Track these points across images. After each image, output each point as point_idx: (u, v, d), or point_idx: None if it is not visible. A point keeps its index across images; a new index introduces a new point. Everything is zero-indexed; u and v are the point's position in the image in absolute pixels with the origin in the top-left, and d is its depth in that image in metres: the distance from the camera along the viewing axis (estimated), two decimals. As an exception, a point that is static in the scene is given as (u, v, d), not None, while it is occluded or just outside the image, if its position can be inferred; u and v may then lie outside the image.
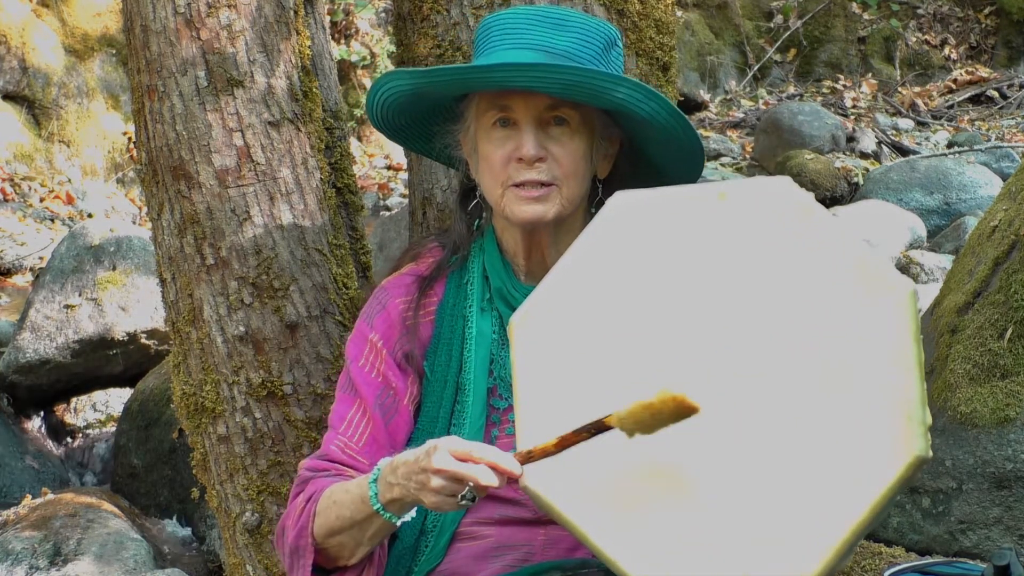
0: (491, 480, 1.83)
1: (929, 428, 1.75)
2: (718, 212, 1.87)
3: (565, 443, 1.83)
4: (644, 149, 2.22)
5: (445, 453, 1.85)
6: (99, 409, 5.63)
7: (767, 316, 1.81)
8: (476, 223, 2.27)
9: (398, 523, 1.99)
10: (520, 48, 2.12)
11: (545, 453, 1.84)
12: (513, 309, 2.01)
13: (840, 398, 1.76)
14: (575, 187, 2.14)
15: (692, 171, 2.23)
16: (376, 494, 1.96)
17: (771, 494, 1.76)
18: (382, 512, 1.96)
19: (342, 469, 2.12)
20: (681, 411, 1.75)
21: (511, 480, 1.85)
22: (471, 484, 1.84)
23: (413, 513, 2.00)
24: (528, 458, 1.85)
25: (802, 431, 1.76)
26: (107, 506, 4.59)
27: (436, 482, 1.85)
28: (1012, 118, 10.29)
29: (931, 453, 1.75)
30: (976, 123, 10.24)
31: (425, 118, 2.28)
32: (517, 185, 2.12)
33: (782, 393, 1.78)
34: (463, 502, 1.86)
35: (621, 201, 1.93)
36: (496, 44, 2.14)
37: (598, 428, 1.81)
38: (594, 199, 2.20)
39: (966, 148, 8.68)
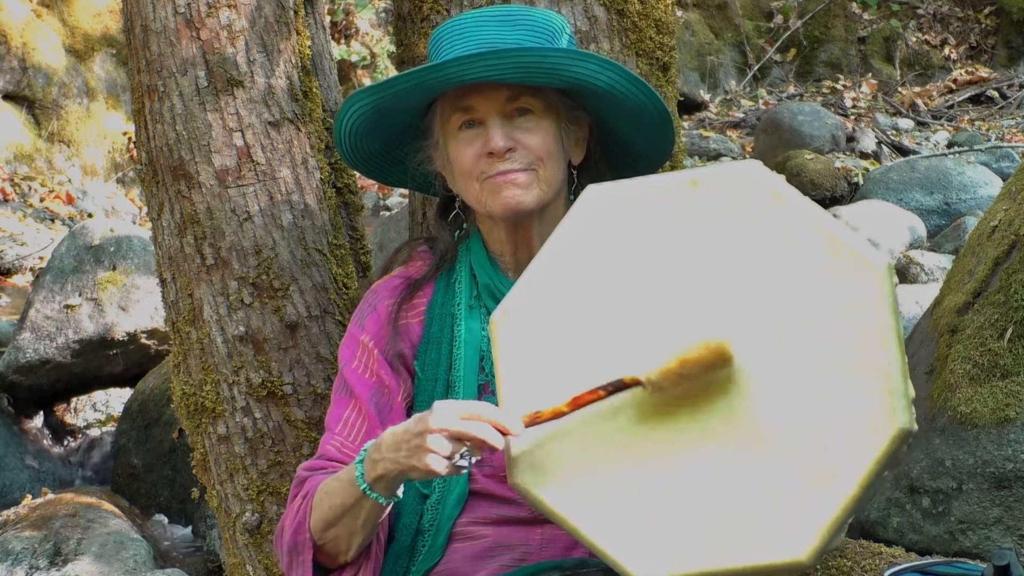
0: (496, 440, 1.81)
1: (912, 400, 1.74)
2: (690, 200, 1.87)
3: (579, 403, 1.80)
4: (613, 128, 2.23)
5: (446, 412, 1.83)
6: (99, 409, 5.63)
7: (745, 300, 1.81)
8: (456, 234, 2.28)
9: (385, 504, 1.98)
10: (471, 49, 2.13)
11: (556, 414, 1.81)
12: None
13: (822, 377, 1.76)
14: (552, 169, 2.14)
15: (664, 144, 2.24)
16: (362, 474, 1.96)
17: (758, 477, 1.76)
18: (368, 492, 1.96)
19: (339, 467, 2.12)
20: (716, 360, 1.76)
21: (504, 478, 1.83)
22: (468, 445, 1.83)
23: (400, 493, 2.00)
24: (535, 419, 1.81)
25: (785, 412, 1.76)
26: (107, 506, 4.59)
27: (435, 442, 1.82)
28: (1012, 118, 10.30)
29: (916, 426, 1.74)
30: (976, 123, 10.24)
31: (395, 142, 2.29)
32: (492, 176, 2.12)
33: (762, 376, 1.78)
34: (460, 461, 1.83)
35: (593, 195, 1.93)
36: (447, 51, 2.17)
37: (617, 387, 1.79)
38: (572, 187, 2.21)
39: (966, 148, 8.68)
